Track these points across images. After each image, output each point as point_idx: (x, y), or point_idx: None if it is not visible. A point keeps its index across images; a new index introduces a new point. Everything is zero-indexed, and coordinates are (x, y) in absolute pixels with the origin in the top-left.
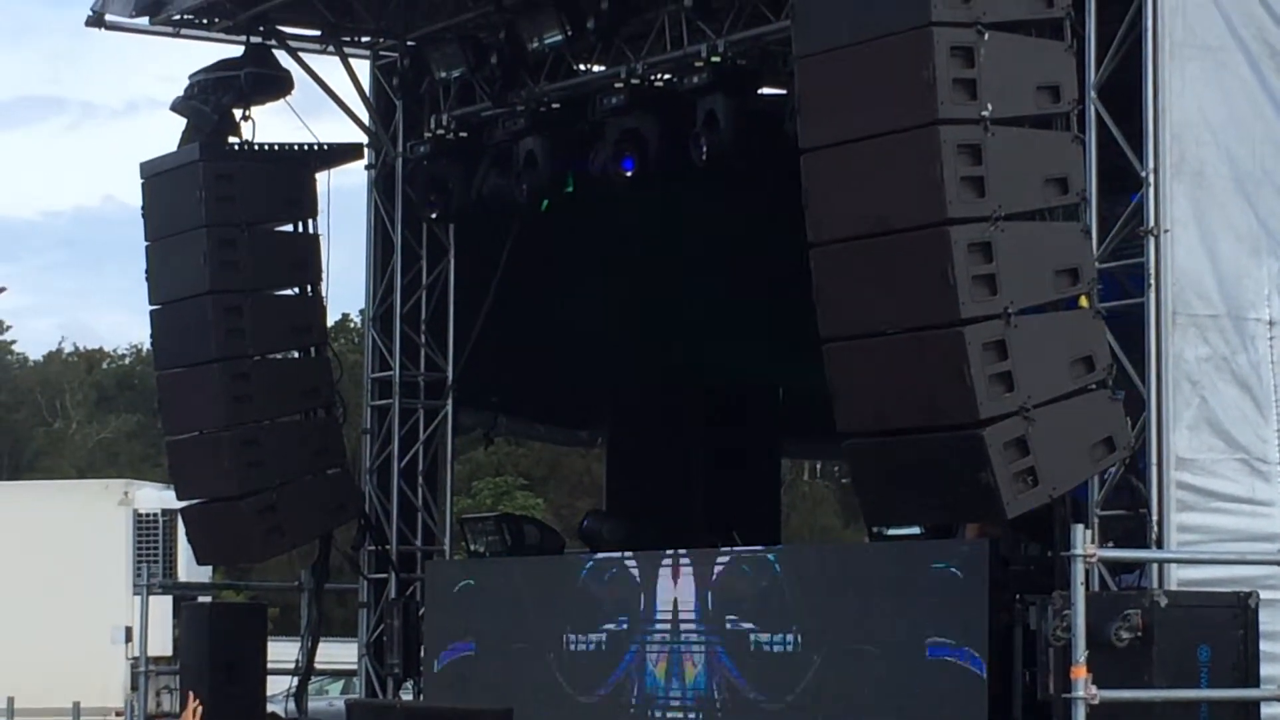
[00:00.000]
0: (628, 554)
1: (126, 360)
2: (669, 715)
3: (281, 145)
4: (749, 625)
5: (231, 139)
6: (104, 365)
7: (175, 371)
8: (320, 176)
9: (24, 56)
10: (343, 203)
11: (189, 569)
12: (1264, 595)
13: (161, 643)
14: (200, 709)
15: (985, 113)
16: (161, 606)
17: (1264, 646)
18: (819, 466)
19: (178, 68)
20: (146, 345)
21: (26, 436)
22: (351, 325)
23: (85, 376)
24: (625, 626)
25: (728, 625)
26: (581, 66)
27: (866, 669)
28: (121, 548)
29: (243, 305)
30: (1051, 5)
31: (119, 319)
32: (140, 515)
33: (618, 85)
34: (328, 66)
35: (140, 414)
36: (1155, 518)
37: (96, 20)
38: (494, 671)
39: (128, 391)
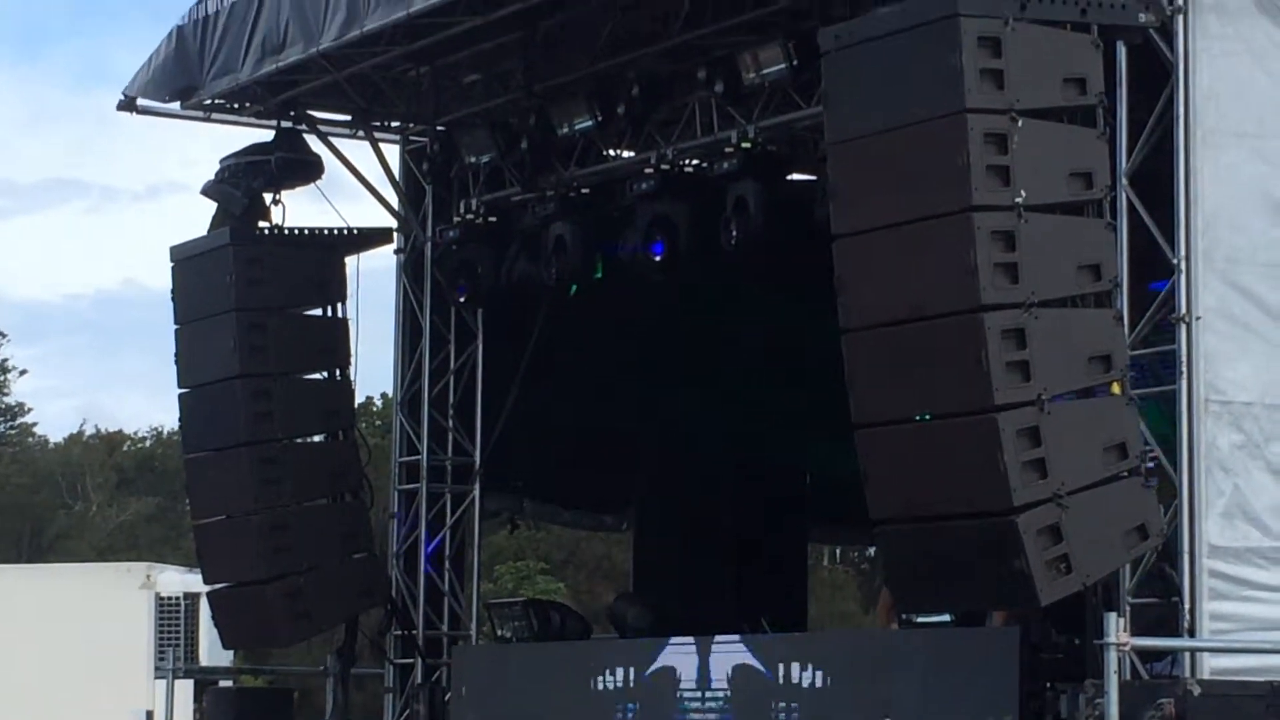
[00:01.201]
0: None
1: (147, 443)
2: None
3: (311, 230)
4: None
5: (261, 223)
6: (124, 448)
7: (203, 455)
8: (349, 260)
9: (46, 140)
10: (371, 287)
11: (211, 653)
12: None
13: None
14: None
15: (1019, 199)
16: (184, 690)
17: None
18: (839, 552)
19: (201, 152)
20: (167, 428)
21: (47, 519)
22: (375, 409)
23: (106, 459)
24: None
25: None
26: (611, 152)
27: None
28: (143, 631)
29: (272, 389)
30: (1084, 92)
31: (139, 402)
32: (162, 598)
33: (648, 170)
34: (358, 151)
35: (160, 496)
36: (1188, 606)
37: (128, 105)
38: None
39: (148, 474)
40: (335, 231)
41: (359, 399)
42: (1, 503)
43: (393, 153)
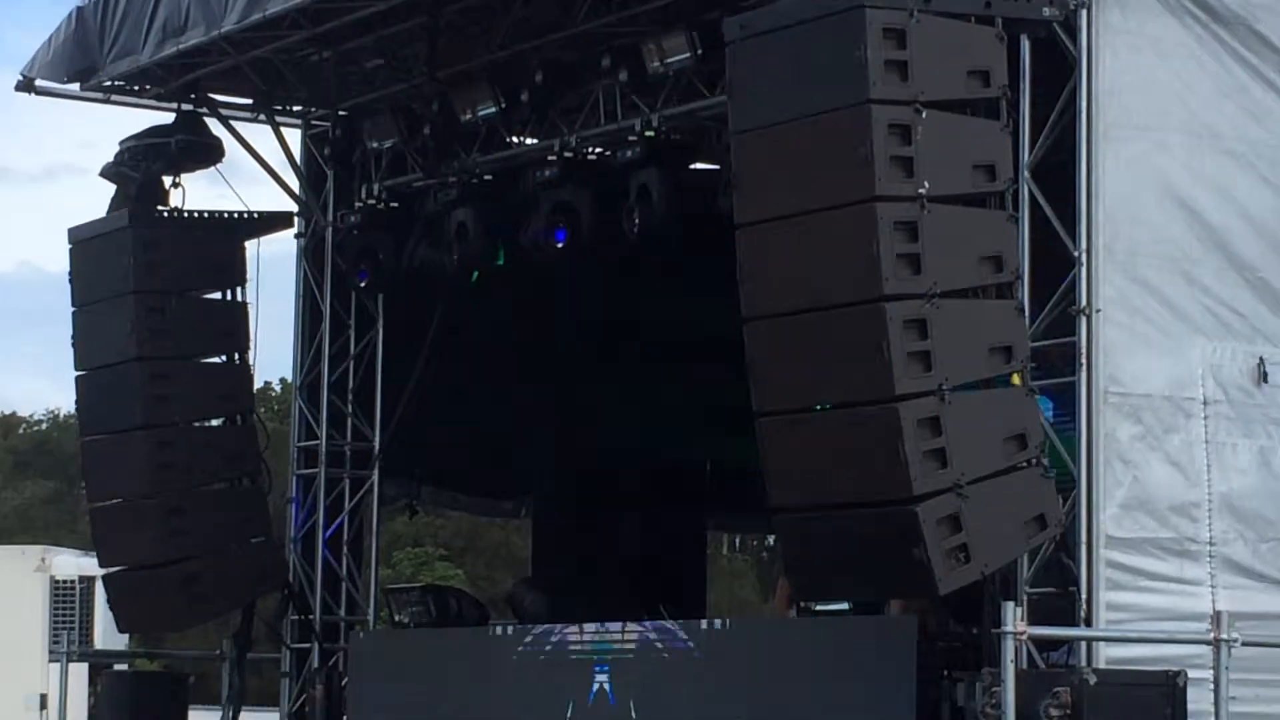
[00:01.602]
0: (561, 629)
1: (43, 426)
2: None
3: (211, 213)
4: (671, 704)
5: (161, 206)
6: (20, 431)
7: (100, 438)
8: (249, 244)
9: None
10: (271, 271)
11: (106, 636)
12: (1192, 674)
13: (78, 710)
14: None
15: (922, 190)
16: (78, 674)
17: None
18: (738, 540)
19: (98, 133)
20: (63, 411)
21: None
22: (274, 394)
23: (1, 441)
24: (553, 703)
25: (655, 708)
26: (515, 139)
27: None
28: (38, 614)
29: (170, 372)
30: (988, 85)
31: (35, 385)
32: (57, 582)
33: (551, 158)
34: (259, 135)
35: (56, 480)
36: (1085, 596)
37: (26, 85)
38: None
39: (44, 457)
40: (235, 215)
41: (258, 384)
42: None
43: (294, 137)
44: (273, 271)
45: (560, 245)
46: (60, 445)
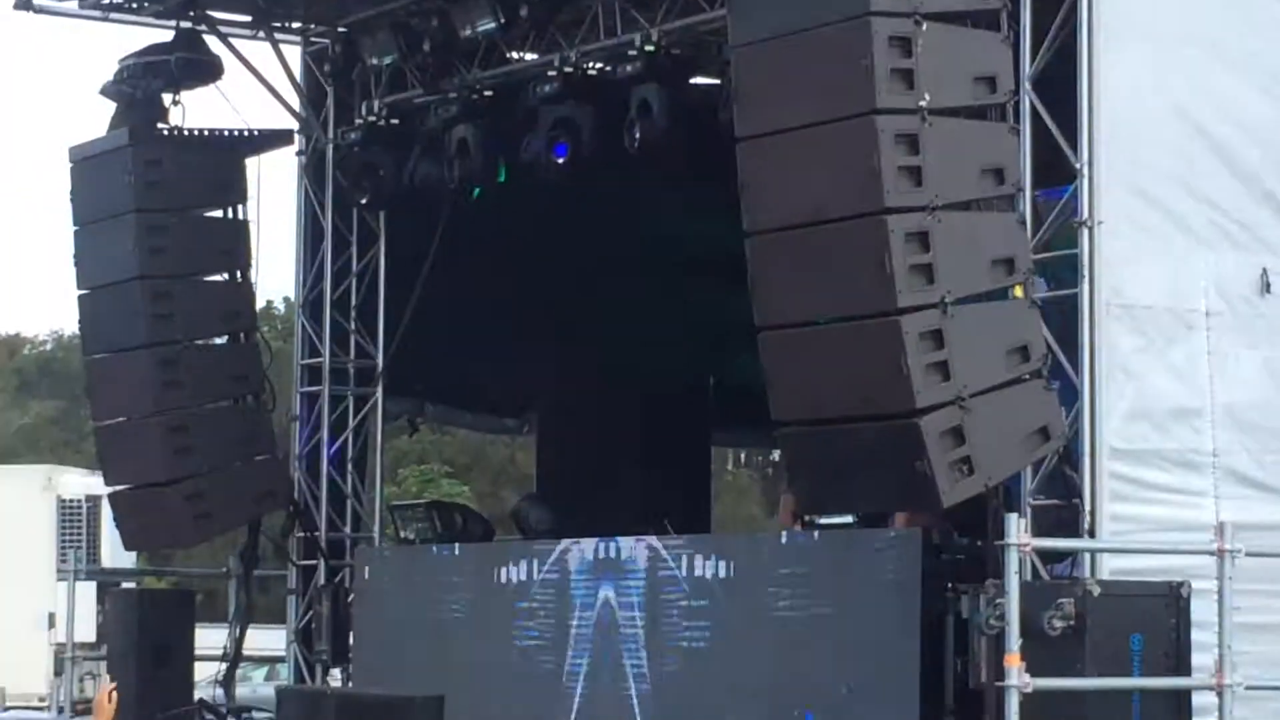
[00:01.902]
0: (565, 544)
1: (48, 346)
2: (605, 693)
3: (212, 131)
4: (678, 619)
5: (161, 124)
6: (25, 351)
7: (103, 357)
8: (250, 162)
9: None
10: (272, 189)
11: (113, 555)
12: (1196, 585)
13: (86, 628)
14: (116, 694)
15: (923, 103)
16: (86, 592)
17: (1195, 636)
18: (743, 456)
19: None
20: (68, 331)
21: None
22: (276, 312)
23: (6, 362)
24: (559, 617)
25: (661, 622)
26: (515, 54)
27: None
28: (46, 534)
29: (172, 291)
30: None
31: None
32: (64, 501)
33: (551, 73)
34: (259, 52)
35: (61, 399)
36: (1088, 507)
37: (24, 4)
38: (425, 658)
39: (49, 378)
40: (236, 133)
41: (261, 302)
42: None
43: (294, 54)
44: (274, 189)
45: (560, 161)
46: (65, 365)
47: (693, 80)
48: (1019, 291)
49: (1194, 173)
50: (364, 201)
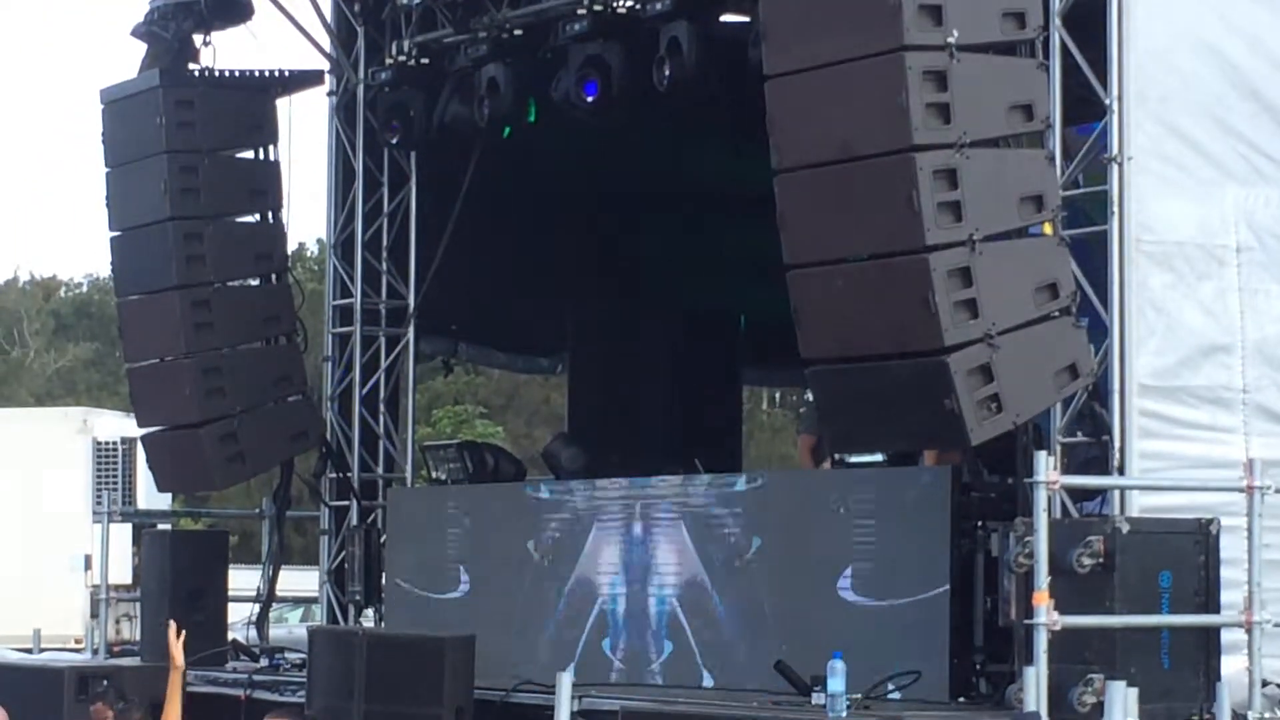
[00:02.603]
0: (597, 483)
1: (84, 289)
2: (633, 648)
3: (242, 71)
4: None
5: (192, 65)
6: (60, 294)
7: (135, 298)
8: (281, 103)
9: None
10: (303, 129)
11: (148, 496)
12: (1225, 522)
13: (121, 570)
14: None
15: (951, 39)
16: (121, 534)
17: (1224, 573)
18: (778, 395)
19: None
20: (103, 274)
21: None
22: (308, 254)
23: (42, 305)
24: (586, 557)
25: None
26: None
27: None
28: (81, 475)
29: (203, 232)
30: None
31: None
32: (99, 443)
33: (580, 12)
34: None
35: (98, 342)
36: (1118, 445)
37: None
38: (458, 599)
39: (85, 320)
40: (267, 73)
41: (292, 243)
42: None
43: None
44: (304, 130)
45: (590, 100)
46: (101, 307)
47: (723, 17)
48: (1048, 228)
49: (1225, 107)
50: (394, 142)
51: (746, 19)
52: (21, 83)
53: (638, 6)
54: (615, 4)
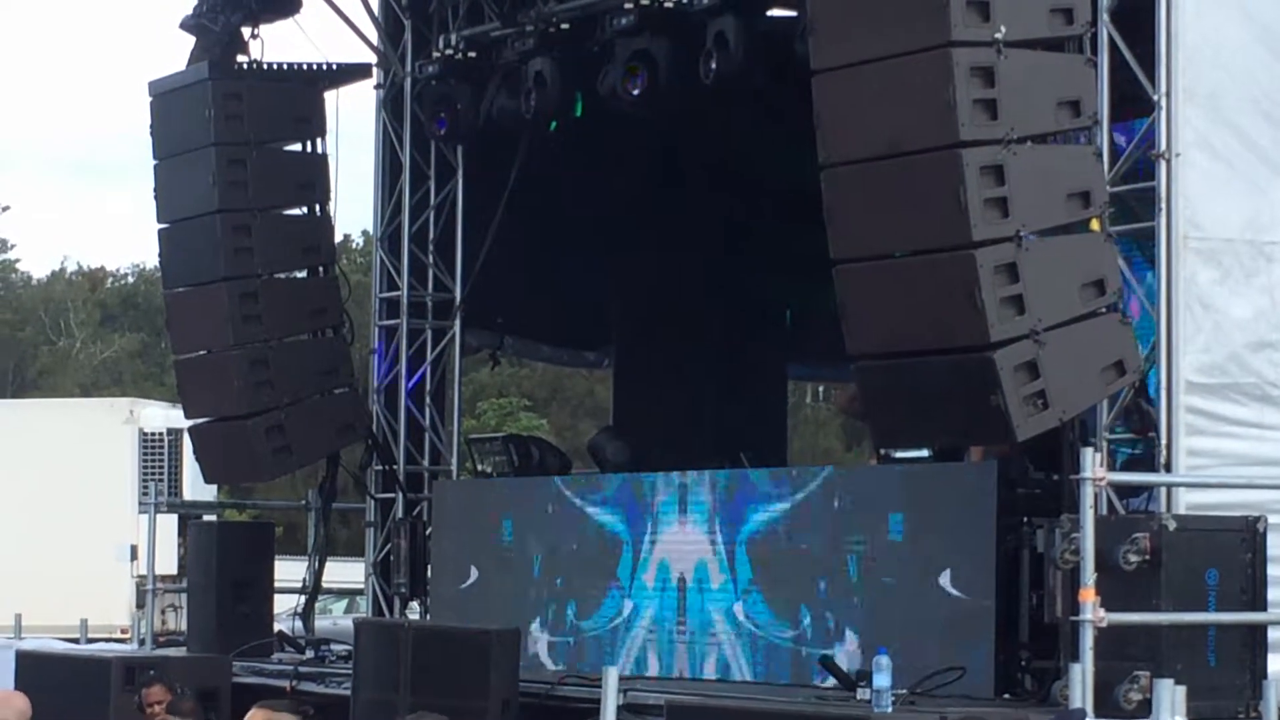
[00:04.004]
0: (641, 477)
1: (130, 280)
2: (677, 635)
3: (290, 64)
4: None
5: (240, 58)
6: (107, 284)
7: (183, 290)
8: (329, 96)
9: None
10: (350, 122)
11: (194, 487)
12: (1272, 519)
13: (167, 561)
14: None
15: (998, 35)
16: (167, 525)
17: (1271, 570)
18: (821, 390)
19: None
20: (149, 264)
21: (31, 355)
22: (354, 246)
23: (89, 295)
24: (633, 552)
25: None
26: None
27: (874, 595)
28: (127, 466)
29: (251, 224)
30: None
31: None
32: (146, 434)
33: (627, 6)
34: None
35: (143, 333)
36: (1164, 442)
37: None
38: (502, 591)
39: (131, 311)
40: (314, 66)
41: (339, 236)
42: None
43: None
44: (352, 123)
45: (636, 94)
46: (148, 298)
47: (770, 12)
48: (1095, 225)
49: (1273, 102)
50: (441, 135)
51: (794, 13)
52: (72, 74)
53: (685, 1)
54: None
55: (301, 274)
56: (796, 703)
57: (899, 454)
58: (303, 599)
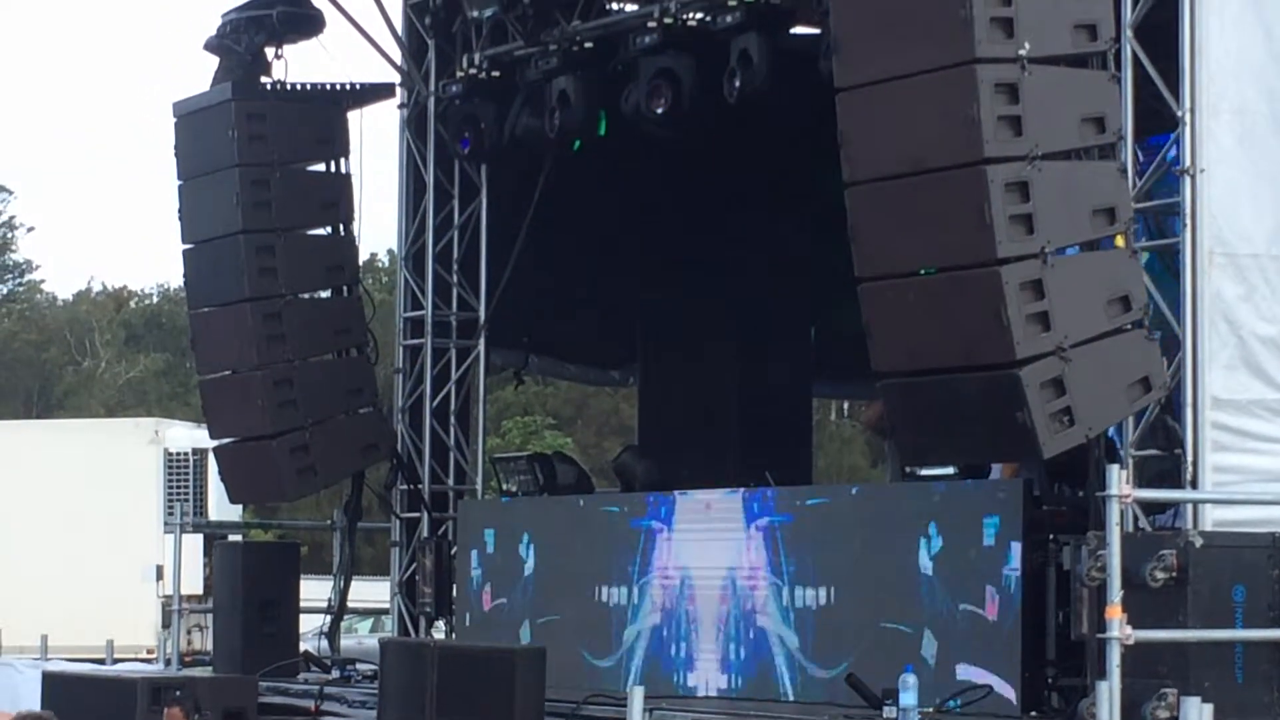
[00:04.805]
0: (666, 495)
1: (154, 299)
2: (701, 658)
3: (314, 85)
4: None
5: (264, 78)
6: (131, 304)
7: (207, 311)
8: (352, 115)
9: None
10: (374, 142)
11: (219, 507)
12: None
13: (193, 581)
14: None
15: (1022, 51)
16: (192, 545)
17: None
18: (846, 406)
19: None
20: (173, 284)
21: (56, 375)
22: (379, 265)
23: (114, 315)
24: (658, 573)
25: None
26: (614, 5)
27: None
28: (152, 486)
29: (275, 245)
30: None
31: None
32: (171, 454)
33: (651, 24)
34: (360, 5)
35: (168, 353)
36: (1190, 458)
37: None
38: (527, 611)
39: (156, 330)
40: (338, 86)
41: (363, 255)
42: (10, 360)
43: (395, 7)
44: (376, 142)
45: (660, 112)
46: (172, 318)
47: (793, 30)
48: (1120, 241)
49: None
50: (465, 154)
51: (817, 31)
52: (95, 94)
53: (708, 19)
54: (686, 17)
55: (326, 294)
56: None
57: (924, 471)
58: (328, 619)
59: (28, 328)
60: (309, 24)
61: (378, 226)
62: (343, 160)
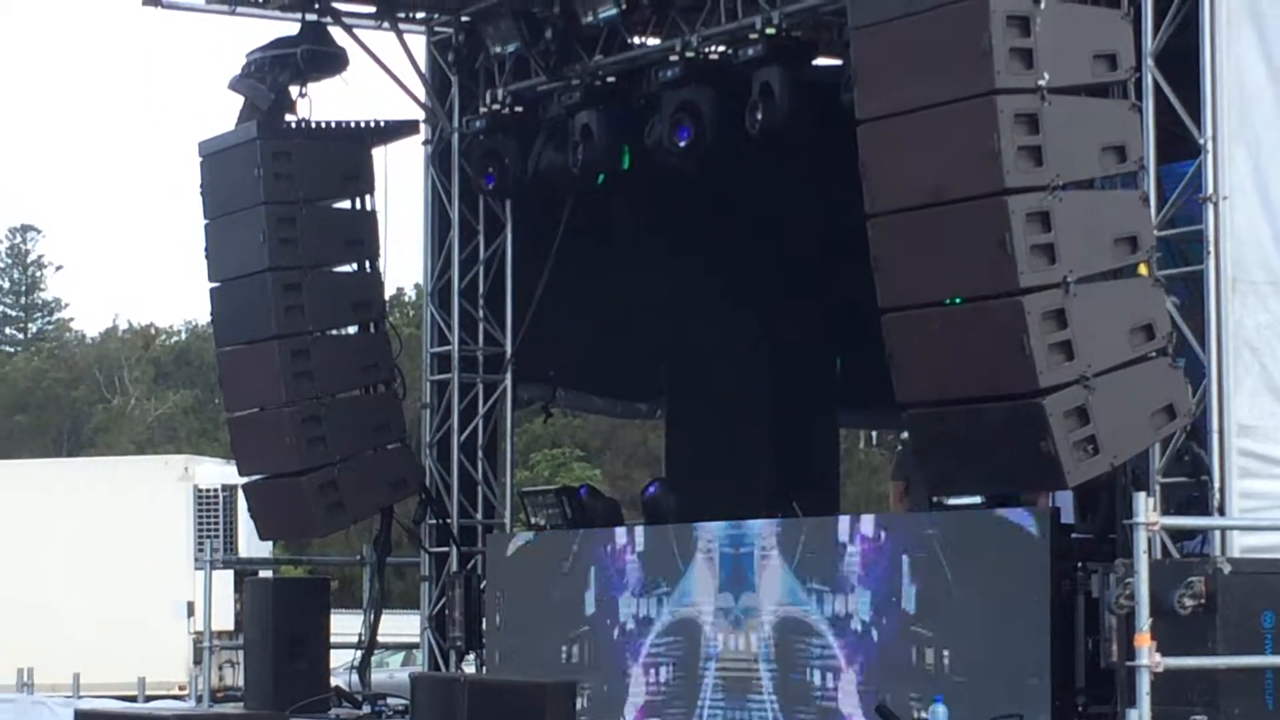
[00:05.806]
0: (694, 526)
1: (182, 336)
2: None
3: (338, 122)
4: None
5: (289, 117)
6: (160, 342)
7: (235, 348)
8: (377, 152)
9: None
10: (399, 178)
11: (249, 544)
12: None
13: (224, 617)
14: None
15: (1042, 82)
16: (223, 581)
17: None
18: (875, 435)
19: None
20: (201, 321)
21: (86, 413)
22: (406, 300)
23: (142, 353)
24: (687, 604)
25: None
26: (636, 40)
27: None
28: (183, 523)
29: (302, 282)
30: None
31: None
32: (201, 490)
33: (673, 58)
34: (383, 43)
35: (197, 390)
36: (1217, 485)
37: (153, 0)
38: (555, 644)
39: (184, 367)
40: (362, 124)
41: (390, 291)
42: (40, 398)
43: (418, 44)
44: (401, 179)
45: (683, 145)
46: (200, 355)
47: (814, 62)
48: (1143, 269)
49: None
50: (490, 189)
51: (838, 63)
52: (122, 134)
53: (730, 52)
54: (708, 50)
55: (352, 330)
56: None
57: (951, 500)
58: (359, 654)
59: (57, 366)
60: (333, 62)
61: (403, 262)
62: (368, 197)
